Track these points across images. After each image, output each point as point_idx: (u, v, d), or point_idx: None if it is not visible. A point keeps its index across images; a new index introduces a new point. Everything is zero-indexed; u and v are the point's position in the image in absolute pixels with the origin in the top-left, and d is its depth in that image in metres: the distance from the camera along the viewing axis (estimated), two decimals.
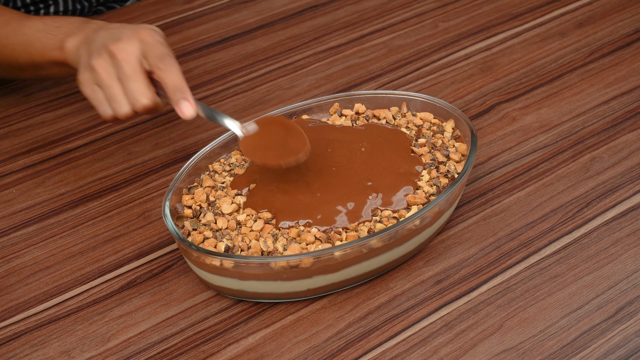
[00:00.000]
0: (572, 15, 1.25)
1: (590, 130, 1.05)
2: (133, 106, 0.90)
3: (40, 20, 1.01)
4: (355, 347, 0.83)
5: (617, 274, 0.87)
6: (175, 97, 0.88)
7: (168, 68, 0.88)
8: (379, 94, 1.01)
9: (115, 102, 0.90)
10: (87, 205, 1.01)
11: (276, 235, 0.87)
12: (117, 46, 0.90)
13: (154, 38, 0.91)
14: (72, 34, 0.97)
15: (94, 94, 0.92)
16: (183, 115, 0.88)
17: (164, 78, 0.89)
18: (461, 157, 0.94)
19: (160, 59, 0.89)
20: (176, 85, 0.88)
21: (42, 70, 1.03)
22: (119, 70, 0.90)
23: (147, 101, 0.89)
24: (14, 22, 1.03)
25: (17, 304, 0.90)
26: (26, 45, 1.01)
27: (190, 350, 0.84)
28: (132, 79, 0.89)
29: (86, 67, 0.92)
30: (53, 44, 0.98)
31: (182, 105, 0.88)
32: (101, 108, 0.92)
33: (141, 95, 0.89)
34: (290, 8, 1.32)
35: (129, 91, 0.90)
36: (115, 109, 0.91)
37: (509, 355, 0.81)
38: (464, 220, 0.94)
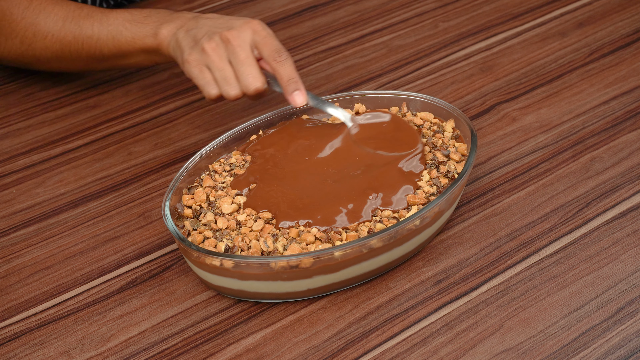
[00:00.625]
0: (572, 15, 1.25)
1: (590, 130, 1.05)
2: (245, 89, 0.96)
3: (126, 10, 1.06)
4: (355, 347, 0.83)
5: (617, 274, 0.87)
6: (290, 87, 0.96)
7: (284, 61, 0.96)
8: (379, 94, 1.01)
9: (227, 84, 0.96)
10: (87, 205, 1.01)
11: (276, 235, 0.87)
12: (231, 33, 0.96)
13: (266, 31, 0.97)
14: (165, 21, 1.02)
15: (202, 74, 0.97)
16: (295, 103, 0.97)
17: (280, 70, 0.96)
18: (461, 157, 0.94)
19: (277, 52, 0.96)
20: (291, 77, 0.96)
21: (125, 60, 1.07)
22: (233, 55, 0.96)
23: (261, 85, 0.96)
24: (97, 14, 1.06)
25: (17, 304, 0.90)
26: (114, 34, 1.04)
27: (190, 350, 0.84)
28: (246, 64, 0.96)
29: (194, 49, 0.97)
30: (145, 32, 1.03)
31: (296, 95, 0.96)
32: (208, 87, 0.97)
33: (255, 79, 0.96)
34: (290, 8, 1.32)
35: (243, 75, 0.96)
36: (226, 90, 0.96)
37: (509, 355, 0.81)
38: (464, 220, 0.94)
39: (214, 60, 0.96)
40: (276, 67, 0.96)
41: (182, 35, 0.99)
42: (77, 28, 1.06)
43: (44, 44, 1.08)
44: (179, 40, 0.99)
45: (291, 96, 0.96)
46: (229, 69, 0.96)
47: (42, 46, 1.08)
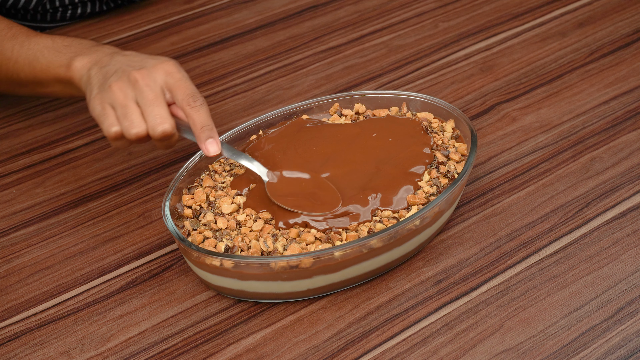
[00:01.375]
0: (572, 15, 1.25)
1: (590, 130, 1.05)
2: (152, 130, 0.89)
3: (49, 37, 1.02)
4: (355, 347, 0.83)
5: (617, 274, 0.87)
6: (203, 135, 0.90)
7: (199, 106, 0.90)
8: (379, 94, 1.01)
9: (128, 121, 0.90)
10: (87, 205, 1.01)
11: (276, 235, 0.87)
12: (141, 72, 0.91)
13: (180, 73, 0.92)
14: (81, 53, 0.98)
15: (103, 110, 0.91)
16: (208, 152, 0.90)
17: (194, 116, 0.90)
18: (461, 157, 0.94)
19: (192, 97, 0.91)
20: (205, 124, 0.90)
21: (42, 88, 1.03)
22: (140, 95, 0.90)
23: (169, 127, 0.90)
24: (21, 36, 1.03)
25: (17, 304, 0.90)
26: (31, 60, 1.01)
27: (190, 350, 0.84)
28: (154, 104, 0.90)
29: (101, 88, 0.92)
30: (60, 62, 0.99)
31: (209, 143, 0.90)
32: (106, 123, 0.91)
33: (164, 120, 0.89)
34: (290, 8, 1.32)
35: (150, 115, 0.90)
36: (126, 127, 0.90)
37: (509, 355, 0.81)
38: (464, 220, 0.94)
39: (118, 98, 0.90)
40: (190, 112, 0.90)
41: (95, 72, 0.94)
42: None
43: None
44: (91, 77, 0.95)
45: (204, 144, 0.90)
46: (134, 107, 0.90)
47: None
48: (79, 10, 1.29)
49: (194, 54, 1.24)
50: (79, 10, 1.29)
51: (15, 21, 1.26)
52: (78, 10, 1.29)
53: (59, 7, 1.27)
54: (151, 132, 0.90)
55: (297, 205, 0.89)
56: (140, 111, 0.90)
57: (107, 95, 0.91)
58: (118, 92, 0.91)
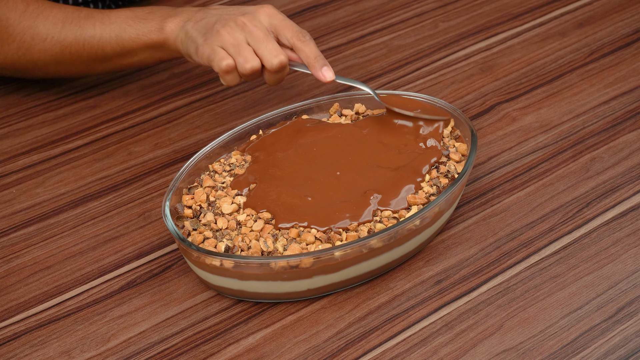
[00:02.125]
0: (572, 15, 1.25)
1: (590, 130, 1.05)
2: (269, 64, 0.96)
3: (127, 9, 1.05)
4: (355, 347, 0.83)
5: (617, 274, 0.87)
6: (317, 64, 0.97)
7: (308, 40, 0.98)
8: (379, 94, 1.01)
9: (242, 57, 0.95)
10: (87, 205, 1.01)
11: (276, 235, 0.87)
12: (247, 17, 0.98)
13: (281, 14, 0.99)
14: (170, 16, 1.02)
15: (213, 50, 0.96)
16: (325, 79, 0.97)
17: (306, 49, 0.97)
18: (461, 157, 0.94)
19: (300, 33, 0.98)
20: (317, 55, 0.97)
21: (128, 58, 1.06)
22: (250, 36, 0.96)
23: (285, 58, 0.96)
24: (97, 14, 1.06)
25: (17, 304, 0.90)
26: (117, 32, 1.04)
27: (190, 351, 0.84)
28: (266, 41, 0.96)
29: (207, 35, 0.97)
30: (150, 28, 1.03)
31: (325, 70, 0.97)
32: (218, 57, 0.95)
33: (279, 52, 0.96)
34: (290, 8, 1.32)
35: (265, 51, 0.96)
36: (241, 62, 0.95)
37: (509, 355, 0.81)
38: (464, 220, 0.94)
39: (228, 40, 0.96)
40: (301, 46, 0.97)
41: (191, 26, 0.99)
42: (78, 29, 1.06)
43: (42, 47, 1.07)
44: (189, 32, 0.99)
45: (321, 72, 0.97)
46: (246, 45, 0.96)
47: (40, 49, 1.07)
48: None
49: None
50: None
51: None
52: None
53: None
54: (268, 65, 0.96)
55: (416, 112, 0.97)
56: (251, 49, 0.96)
57: (216, 39, 0.96)
58: (227, 35, 0.96)
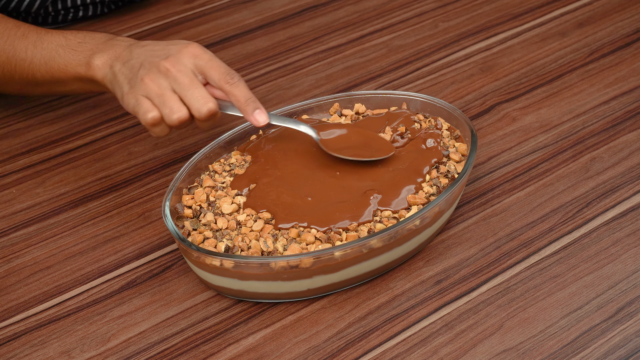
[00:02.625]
0: (572, 15, 1.25)
1: (590, 130, 1.05)
2: (197, 112, 0.91)
3: (61, 34, 1.01)
4: (355, 347, 0.83)
5: (617, 274, 0.87)
6: (249, 107, 0.92)
7: (237, 82, 0.92)
8: (379, 94, 1.01)
9: (167, 108, 0.90)
10: (87, 205, 1.01)
11: (276, 235, 0.87)
12: (170, 61, 0.92)
13: (207, 54, 0.93)
14: (99, 50, 0.97)
15: (137, 102, 0.91)
16: (258, 123, 0.92)
17: (235, 92, 0.92)
18: (461, 157, 0.94)
19: (228, 75, 0.92)
20: (248, 97, 0.92)
21: (60, 86, 1.02)
22: (175, 82, 0.91)
23: (214, 105, 0.91)
24: (32, 35, 1.02)
25: (17, 304, 0.90)
26: (47, 59, 1.00)
27: (190, 351, 0.84)
28: (193, 87, 0.91)
29: (132, 83, 0.92)
30: (77, 60, 0.98)
31: (257, 114, 0.92)
32: (142, 110, 0.91)
33: (207, 99, 0.91)
34: (290, 8, 1.32)
35: (192, 99, 0.91)
36: (167, 114, 0.90)
37: (509, 355, 0.81)
38: (464, 220, 0.94)
39: (152, 89, 0.91)
40: (230, 89, 0.92)
41: (119, 67, 0.95)
42: (10, 48, 1.02)
43: None
44: (116, 75, 0.95)
45: (252, 116, 0.92)
46: (171, 94, 0.91)
47: None
48: (80, 13, 1.29)
49: None
50: (80, 13, 1.29)
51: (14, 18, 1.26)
52: (80, 13, 1.29)
53: (60, 10, 1.27)
54: (197, 114, 0.91)
55: (357, 154, 0.92)
56: (177, 97, 0.91)
57: (141, 88, 0.92)
58: (151, 83, 0.91)
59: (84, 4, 1.28)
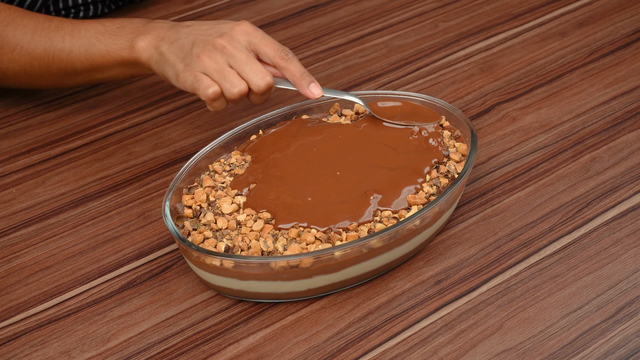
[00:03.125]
0: (572, 15, 1.25)
1: (590, 130, 1.05)
2: (256, 87, 0.94)
3: (98, 22, 1.02)
4: (355, 347, 0.83)
5: (617, 274, 0.87)
6: (304, 81, 0.96)
7: (291, 58, 0.96)
8: (379, 94, 1.01)
9: (228, 82, 0.93)
10: (87, 205, 1.01)
11: (276, 235, 0.87)
12: (225, 38, 0.95)
13: (259, 31, 0.97)
14: (140, 33, 0.99)
15: (196, 78, 0.94)
16: (313, 96, 0.96)
17: (290, 67, 0.96)
18: (461, 157, 0.94)
19: (282, 51, 0.96)
20: (302, 72, 0.96)
21: (100, 73, 1.03)
22: (232, 58, 0.94)
23: (271, 79, 0.95)
24: (67, 25, 1.03)
25: (17, 304, 0.90)
26: (87, 47, 1.01)
27: (190, 351, 0.84)
28: (250, 62, 0.95)
29: (187, 60, 0.95)
30: (120, 44, 1.00)
31: (312, 87, 0.96)
32: (203, 85, 0.93)
33: (265, 74, 0.94)
34: (290, 8, 1.32)
35: (250, 73, 0.94)
36: (228, 87, 0.93)
37: (509, 355, 0.81)
38: (464, 220, 0.94)
39: (210, 66, 0.94)
40: (286, 65, 0.96)
41: (166, 48, 0.96)
42: (47, 40, 1.03)
43: (11, 57, 1.04)
44: (165, 54, 0.96)
45: (308, 89, 0.96)
46: (229, 69, 0.94)
47: (9, 59, 1.04)
48: (81, 13, 1.29)
49: None
50: (81, 13, 1.29)
51: None
52: (80, 13, 1.29)
53: (61, 10, 1.27)
54: (256, 88, 0.94)
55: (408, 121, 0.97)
56: (235, 72, 0.94)
57: (197, 65, 0.94)
58: (208, 60, 0.94)
59: (85, 3, 1.28)
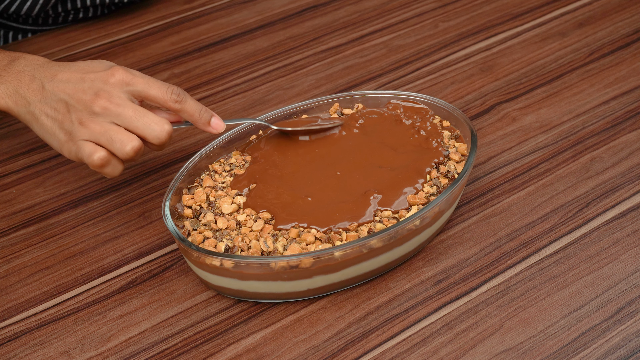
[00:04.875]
0: (572, 15, 1.25)
1: (590, 130, 1.05)
2: (157, 138, 0.86)
3: None
4: (355, 347, 0.83)
5: (617, 274, 0.87)
6: (204, 118, 0.89)
7: (184, 97, 0.88)
8: (379, 94, 1.01)
9: (117, 142, 0.85)
10: (87, 205, 1.01)
11: (276, 235, 0.87)
12: (103, 97, 0.86)
13: (136, 76, 0.88)
14: (1, 80, 0.89)
15: (79, 146, 0.86)
16: (217, 130, 0.90)
17: (186, 108, 0.88)
18: (461, 157, 0.94)
19: (173, 93, 0.88)
20: (200, 109, 0.89)
21: None
22: (119, 118, 0.86)
23: (170, 127, 0.87)
24: None
25: (17, 304, 0.90)
26: None
27: (190, 351, 0.84)
28: (140, 116, 0.86)
29: (68, 128, 0.87)
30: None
31: (213, 121, 0.90)
32: (86, 152, 0.85)
33: (162, 123, 0.86)
34: (290, 8, 1.32)
35: (145, 127, 0.86)
36: (118, 149, 0.85)
37: (509, 355, 0.81)
38: (464, 220, 0.94)
39: (95, 130, 0.85)
40: (181, 107, 0.88)
41: (37, 109, 0.87)
42: None
43: None
44: (39, 119, 0.88)
45: (209, 125, 0.89)
46: (116, 128, 0.85)
47: None
48: (80, 15, 1.29)
49: (194, 54, 1.24)
50: (80, 15, 1.29)
51: (16, 25, 1.26)
52: (80, 15, 1.29)
53: (61, 13, 1.27)
54: (157, 141, 0.87)
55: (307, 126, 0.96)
56: (122, 129, 0.86)
57: (81, 133, 0.86)
58: (92, 125, 0.86)
59: (85, 6, 1.28)
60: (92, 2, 1.27)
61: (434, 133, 0.96)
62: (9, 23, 1.28)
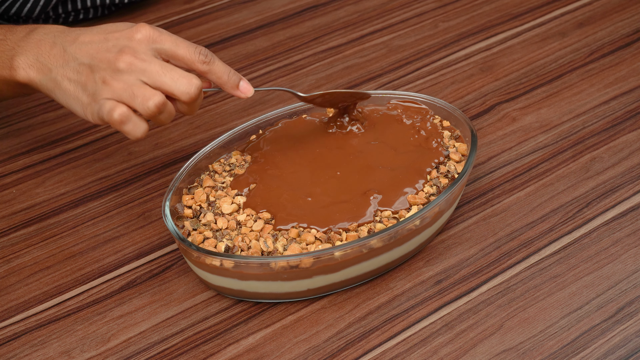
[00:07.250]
0: (572, 15, 1.25)
1: (590, 130, 1.05)
2: (186, 94, 0.82)
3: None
4: (355, 347, 0.83)
5: (617, 274, 0.87)
6: (232, 81, 0.86)
7: (212, 58, 0.85)
8: (379, 94, 1.01)
9: (139, 97, 0.81)
10: (87, 205, 1.01)
11: (276, 235, 0.87)
12: (128, 53, 0.82)
13: (163, 34, 0.84)
14: (19, 50, 0.87)
15: (101, 105, 0.82)
16: (245, 95, 0.87)
17: (214, 69, 0.85)
18: (461, 157, 0.94)
19: (201, 54, 0.85)
20: (228, 71, 0.86)
21: None
22: (144, 74, 0.82)
23: (199, 81, 0.83)
24: None
25: (17, 304, 0.90)
26: None
27: (190, 351, 0.84)
28: (168, 72, 0.82)
29: (91, 89, 0.83)
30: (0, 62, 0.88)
31: (242, 85, 0.86)
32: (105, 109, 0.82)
33: (190, 77, 0.82)
34: (290, 8, 1.32)
35: (173, 83, 0.82)
36: (140, 103, 0.81)
37: (509, 355, 0.81)
38: (464, 220, 0.94)
39: (120, 88, 0.81)
40: (209, 68, 0.85)
41: (59, 74, 0.84)
42: None
43: None
44: (60, 83, 0.84)
45: (238, 88, 0.86)
46: (139, 84, 0.81)
47: None
48: (81, 16, 1.30)
49: None
50: (81, 16, 1.30)
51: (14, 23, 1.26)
52: (80, 16, 1.29)
53: (61, 14, 1.27)
54: (186, 97, 0.82)
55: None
56: (146, 85, 0.82)
57: (105, 92, 0.82)
58: (116, 83, 0.82)
59: (85, 7, 1.28)
60: (93, 3, 1.27)
61: (434, 133, 0.96)
62: (10, 24, 1.28)
